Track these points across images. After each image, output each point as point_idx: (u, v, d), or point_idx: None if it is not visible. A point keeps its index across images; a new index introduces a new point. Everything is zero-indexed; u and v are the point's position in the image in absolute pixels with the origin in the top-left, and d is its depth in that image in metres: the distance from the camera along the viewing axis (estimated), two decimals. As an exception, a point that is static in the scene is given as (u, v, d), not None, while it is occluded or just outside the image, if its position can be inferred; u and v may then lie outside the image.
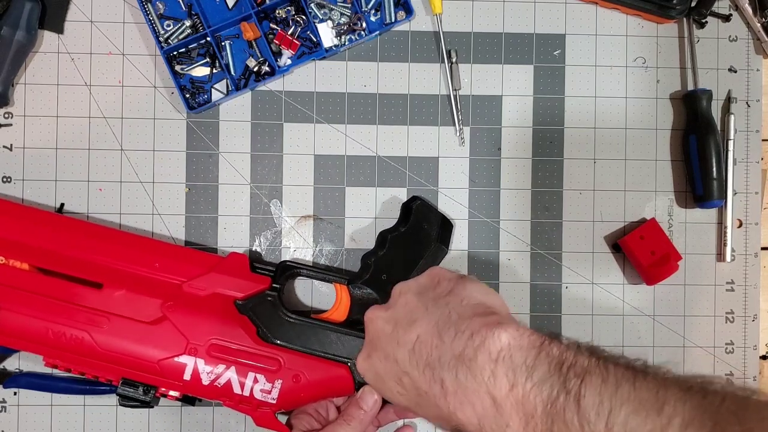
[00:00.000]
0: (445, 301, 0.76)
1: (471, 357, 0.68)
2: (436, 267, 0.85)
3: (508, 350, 0.67)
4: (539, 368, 0.65)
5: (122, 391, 0.91)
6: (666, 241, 1.02)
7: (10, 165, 1.00)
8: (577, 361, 0.65)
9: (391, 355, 0.76)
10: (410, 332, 0.75)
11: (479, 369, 0.67)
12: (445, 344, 0.71)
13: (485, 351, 0.67)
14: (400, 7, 1.02)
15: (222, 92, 1.01)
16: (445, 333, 0.72)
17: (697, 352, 1.06)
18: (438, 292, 0.78)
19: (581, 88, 1.05)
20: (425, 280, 0.81)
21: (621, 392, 0.61)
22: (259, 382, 0.90)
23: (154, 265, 0.92)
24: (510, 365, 0.66)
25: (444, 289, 0.78)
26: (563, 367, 0.64)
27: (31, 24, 0.97)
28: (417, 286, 0.81)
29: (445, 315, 0.74)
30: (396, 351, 0.75)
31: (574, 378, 0.63)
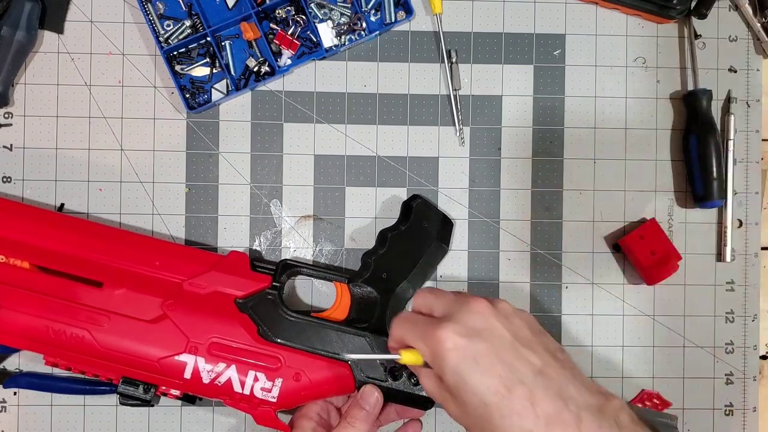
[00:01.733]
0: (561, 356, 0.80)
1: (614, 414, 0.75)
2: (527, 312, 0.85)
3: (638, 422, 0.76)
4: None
5: (123, 389, 0.91)
6: (666, 241, 1.02)
7: (10, 165, 1.00)
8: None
9: (507, 360, 0.76)
10: (534, 356, 0.77)
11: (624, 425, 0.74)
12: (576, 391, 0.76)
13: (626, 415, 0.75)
14: (400, 7, 1.02)
15: (222, 92, 1.01)
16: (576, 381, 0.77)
17: (697, 352, 1.06)
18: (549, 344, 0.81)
19: (581, 88, 1.05)
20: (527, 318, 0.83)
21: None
22: (260, 380, 0.90)
23: (154, 263, 0.92)
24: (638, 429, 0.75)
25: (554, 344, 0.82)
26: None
27: (31, 24, 0.98)
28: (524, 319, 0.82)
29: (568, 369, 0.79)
30: (516, 361, 0.76)
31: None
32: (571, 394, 0.75)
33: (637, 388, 1.05)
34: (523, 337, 0.79)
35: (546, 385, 0.75)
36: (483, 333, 0.78)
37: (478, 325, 0.78)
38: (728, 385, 1.06)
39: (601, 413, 0.74)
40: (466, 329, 0.78)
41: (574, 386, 0.76)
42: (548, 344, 0.81)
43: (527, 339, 0.79)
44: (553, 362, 0.77)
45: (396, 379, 0.91)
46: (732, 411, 1.06)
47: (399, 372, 0.91)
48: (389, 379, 0.91)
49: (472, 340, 0.77)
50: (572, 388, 0.76)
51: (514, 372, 0.75)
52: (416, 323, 0.82)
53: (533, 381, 0.75)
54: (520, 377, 0.75)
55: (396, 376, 0.91)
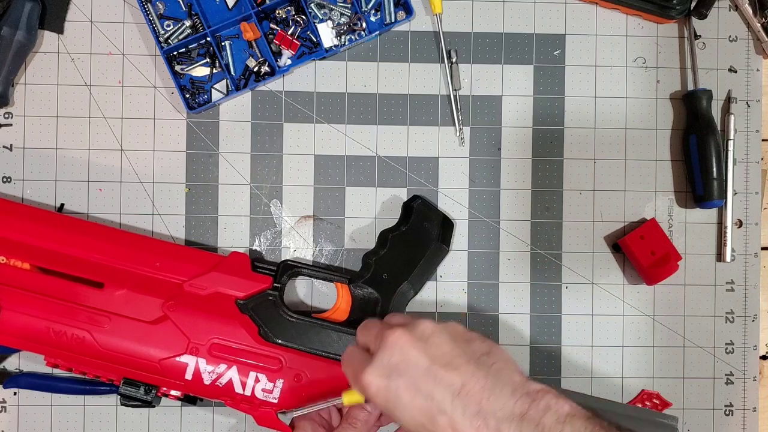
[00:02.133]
0: (489, 361, 0.78)
1: (536, 418, 0.72)
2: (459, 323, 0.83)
3: (573, 417, 0.73)
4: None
5: (124, 390, 0.91)
6: (666, 241, 1.02)
7: (10, 165, 1.00)
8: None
9: (425, 390, 0.76)
10: (452, 376, 0.76)
11: (547, 428, 0.72)
12: (501, 400, 0.74)
13: (552, 415, 0.73)
14: (400, 7, 1.02)
15: (222, 92, 1.01)
16: (500, 391, 0.75)
17: (697, 352, 1.06)
18: (477, 350, 0.79)
19: (581, 88, 1.05)
20: (452, 329, 0.81)
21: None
22: (261, 381, 0.91)
23: (155, 264, 0.92)
24: (573, 428, 0.72)
25: (482, 349, 0.79)
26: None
27: (31, 24, 0.97)
28: (448, 334, 0.80)
29: (493, 374, 0.76)
30: (433, 389, 0.75)
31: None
32: (492, 408, 0.74)
33: (637, 388, 1.05)
34: (441, 357, 0.77)
35: (464, 405, 0.74)
36: (400, 367, 0.78)
37: (394, 360, 0.78)
38: (728, 385, 1.06)
39: (522, 420, 0.73)
40: (384, 368, 0.78)
41: (496, 396, 0.74)
42: (474, 350, 0.79)
43: (447, 356, 0.77)
44: (476, 373, 0.76)
45: None
46: (732, 411, 1.06)
47: None
48: None
49: (391, 378, 0.77)
50: (494, 399, 0.74)
51: (433, 401, 0.75)
52: (351, 363, 0.83)
53: (451, 406, 0.74)
54: (439, 405, 0.75)
55: None
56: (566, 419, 0.72)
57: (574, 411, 0.73)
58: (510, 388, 0.75)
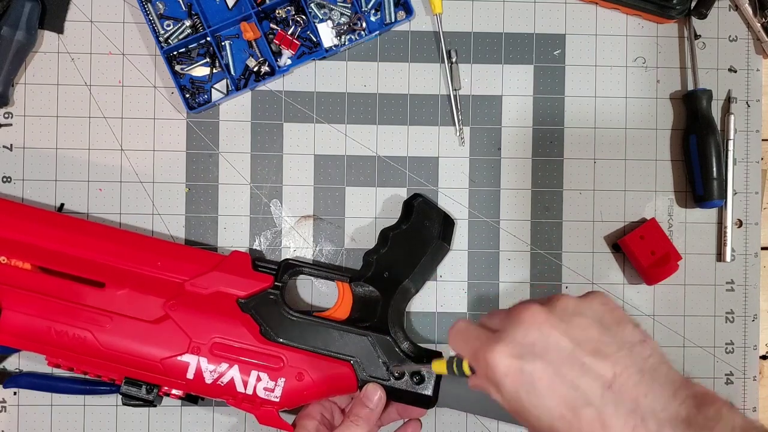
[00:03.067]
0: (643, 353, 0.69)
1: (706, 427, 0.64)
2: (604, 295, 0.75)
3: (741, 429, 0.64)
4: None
5: (125, 390, 0.91)
6: (666, 241, 1.02)
7: (10, 165, 1.00)
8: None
9: (568, 377, 0.67)
10: (602, 364, 0.67)
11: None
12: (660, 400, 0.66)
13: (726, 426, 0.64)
14: (400, 7, 1.02)
15: (222, 92, 1.01)
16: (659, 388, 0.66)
17: (697, 352, 1.06)
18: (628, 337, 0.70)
19: (581, 88, 1.05)
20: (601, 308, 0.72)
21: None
22: (263, 380, 0.90)
23: (156, 263, 0.92)
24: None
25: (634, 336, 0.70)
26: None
27: (31, 24, 0.97)
28: (593, 313, 0.71)
29: (650, 367, 0.68)
30: (578, 377, 0.67)
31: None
32: (651, 406, 0.65)
33: (637, 388, 1.05)
34: (588, 341, 0.69)
35: (617, 400, 0.66)
36: (537, 348, 0.69)
37: (530, 339, 0.69)
38: (728, 385, 1.06)
39: (689, 427, 0.64)
40: (517, 348, 0.69)
41: (656, 394, 0.66)
42: (625, 337, 0.70)
43: (594, 342, 0.69)
44: (629, 365, 0.67)
45: (398, 378, 0.91)
46: (732, 411, 1.06)
47: (401, 371, 0.92)
48: (392, 378, 0.91)
49: (526, 360, 0.68)
50: (652, 398, 0.66)
51: (578, 391, 0.67)
52: (468, 340, 0.75)
53: (601, 399, 0.66)
54: (586, 397, 0.66)
55: (398, 375, 0.91)
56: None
57: (748, 426, 0.65)
58: (671, 388, 0.67)
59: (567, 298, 0.72)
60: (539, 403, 0.68)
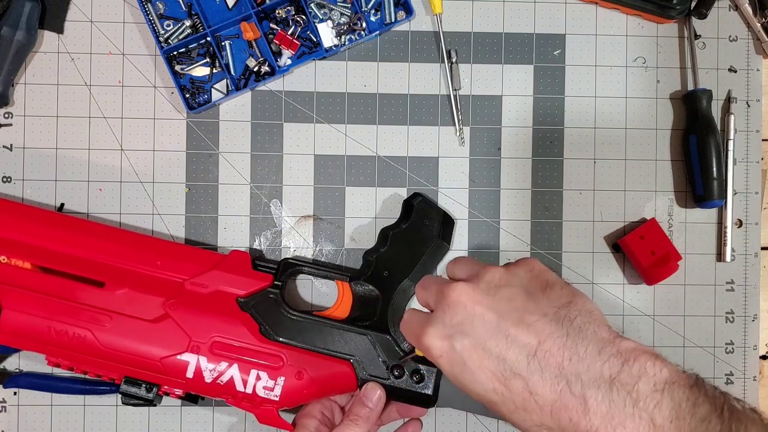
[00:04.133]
0: (570, 314, 0.70)
1: (629, 383, 0.65)
2: (534, 260, 0.77)
3: (672, 384, 0.65)
4: (702, 407, 0.64)
5: (125, 389, 0.91)
6: (666, 241, 1.02)
7: (10, 165, 1.00)
8: (730, 404, 0.65)
9: (494, 351, 0.70)
10: (526, 334, 0.69)
11: (642, 397, 0.64)
12: (586, 362, 0.67)
13: (649, 381, 0.65)
14: (400, 7, 1.02)
15: (222, 92, 1.01)
16: (583, 350, 0.67)
17: (697, 352, 1.06)
18: (555, 300, 0.72)
19: (581, 88, 1.05)
20: (527, 275, 0.75)
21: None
22: (262, 379, 0.90)
23: (155, 263, 0.92)
24: (673, 398, 0.64)
25: (561, 298, 0.72)
26: (721, 410, 0.64)
27: (31, 24, 0.97)
28: (519, 281, 0.74)
29: (576, 329, 0.69)
30: (504, 349, 0.69)
31: (736, 422, 0.63)
32: (575, 369, 0.67)
33: (638, 388, 1.05)
34: (512, 311, 0.71)
35: (543, 367, 0.68)
36: (464, 327, 0.72)
37: (457, 318, 0.73)
38: (728, 385, 1.05)
39: (612, 386, 0.65)
40: (447, 329, 0.73)
41: (580, 356, 0.67)
42: (551, 300, 0.72)
43: (518, 311, 0.71)
44: (555, 329, 0.69)
45: (398, 377, 0.91)
46: (732, 411, 1.06)
47: (401, 370, 0.92)
48: (392, 377, 0.91)
49: (455, 339, 0.72)
50: (577, 360, 0.67)
51: (506, 363, 0.69)
52: (410, 326, 0.80)
53: (527, 368, 0.68)
54: (513, 367, 0.69)
55: (398, 374, 0.91)
56: (665, 387, 0.65)
57: (675, 377, 0.65)
58: (596, 347, 0.68)
59: (494, 269, 0.75)
60: (473, 378, 0.71)
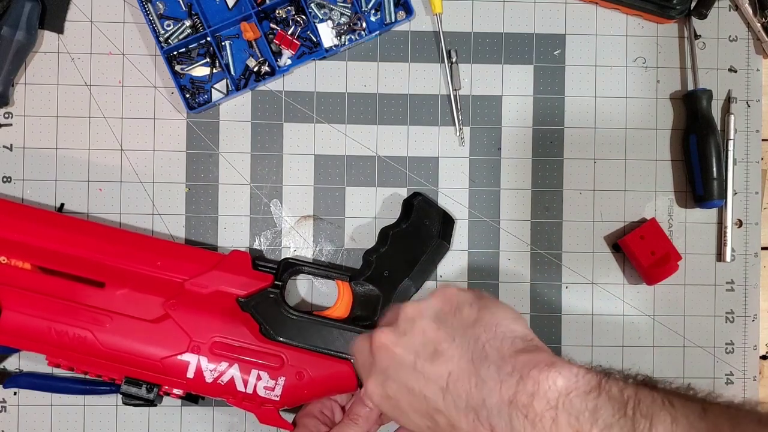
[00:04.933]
0: (475, 334, 0.70)
1: (526, 404, 0.63)
2: (448, 287, 0.77)
3: (567, 395, 0.62)
4: (603, 412, 0.61)
5: (125, 389, 0.91)
6: (666, 241, 1.02)
7: (10, 165, 1.00)
8: (640, 399, 0.61)
9: (417, 390, 0.70)
10: (438, 366, 0.69)
11: (538, 417, 0.62)
12: (488, 385, 0.65)
13: (542, 398, 0.62)
14: (400, 7, 1.02)
15: (222, 92, 1.01)
16: (485, 372, 0.66)
17: (697, 352, 1.06)
18: (463, 321, 0.71)
19: (581, 88, 1.05)
20: (440, 303, 0.74)
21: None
22: (263, 379, 0.91)
23: (156, 263, 0.92)
24: (571, 411, 0.61)
25: (469, 318, 0.71)
26: (627, 408, 0.61)
27: (31, 24, 0.97)
28: (433, 311, 0.73)
29: (479, 350, 0.68)
30: (423, 387, 0.69)
31: (643, 419, 0.60)
32: (481, 396, 0.66)
33: (637, 388, 1.05)
34: (426, 346, 0.71)
35: (456, 400, 0.67)
36: (389, 371, 0.73)
37: (384, 364, 0.74)
38: (728, 385, 1.05)
39: (512, 409, 0.63)
40: (379, 376, 0.75)
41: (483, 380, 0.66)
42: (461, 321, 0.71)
43: (432, 342, 0.71)
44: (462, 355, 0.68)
45: None
46: (732, 411, 1.06)
47: None
48: None
49: (386, 385, 0.74)
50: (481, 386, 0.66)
51: (428, 401, 0.69)
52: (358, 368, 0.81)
53: (444, 403, 0.68)
54: (434, 404, 0.69)
55: None
56: (558, 401, 0.62)
57: (571, 386, 0.62)
58: (495, 367, 0.66)
59: (408, 306, 0.75)
60: (408, 419, 0.72)
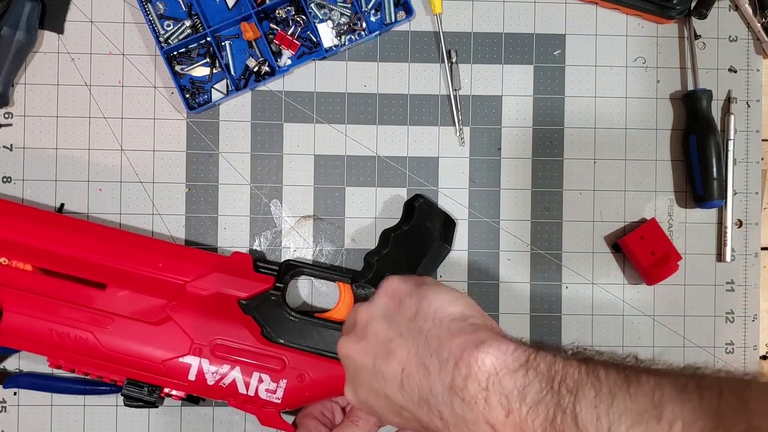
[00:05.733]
0: (417, 326, 0.71)
1: (462, 387, 0.64)
2: (390, 280, 0.78)
3: (496, 374, 0.63)
4: (531, 389, 0.61)
5: (127, 391, 0.91)
6: (666, 241, 1.02)
7: (10, 165, 1.00)
8: (567, 373, 0.61)
9: (381, 392, 0.72)
10: (392, 366, 0.70)
11: (473, 399, 0.63)
12: (432, 375, 0.67)
13: (474, 380, 0.64)
14: (400, 7, 1.02)
15: (222, 92, 1.01)
16: (429, 362, 0.68)
17: (697, 353, 1.06)
18: (406, 315, 0.73)
19: (581, 88, 1.05)
20: (385, 299, 0.76)
21: (617, 404, 0.58)
22: (264, 381, 0.91)
23: (157, 265, 0.92)
24: (501, 391, 0.62)
25: (410, 310, 0.73)
26: (554, 383, 0.61)
27: (31, 24, 0.97)
28: (381, 310, 0.75)
29: (423, 341, 0.69)
30: (385, 387, 0.71)
31: (567, 394, 0.60)
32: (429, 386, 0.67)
33: (637, 388, 1.05)
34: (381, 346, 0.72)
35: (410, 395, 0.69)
36: (356, 377, 0.75)
37: (350, 371, 0.76)
38: (728, 384, 1.06)
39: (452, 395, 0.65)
40: (350, 382, 0.77)
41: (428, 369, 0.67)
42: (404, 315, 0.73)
43: (385, 342, 0.72)
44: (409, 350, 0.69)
45: None
46: (732, 411, 1.06)
47: None
48: None
49: (357, 391, 0.76)
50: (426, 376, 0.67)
51: (390, 400, 0.71)
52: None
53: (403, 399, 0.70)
54: (396, 402, 0.71)
55: None
56: (489, 382, 0.63)
57: (499, 365, 0.63)
58: (436, 355, 0.67)
59: (359, 309, 0.77)
60: (386, 419, 0.75)
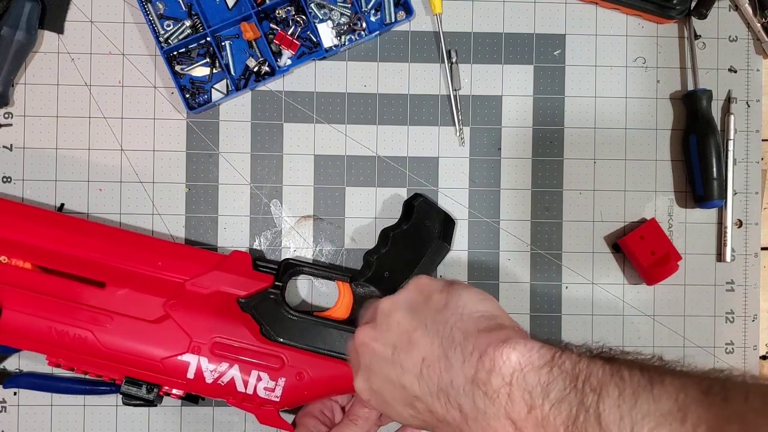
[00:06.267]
0: (444, 318, 0.72)
1: (485, 381, 0.65)
2: (420, 277, 0.80)
3: (521, 370, 0.63)
4: (555, 386, 0.62)
5: (126, 389, 0.91)
6: (666, 241, 1.02)
7: (10, 165, 1.00)
8: (591, 372, 0.62)
9: (396, 381, 0.72)
10: (413, 355, 0.71)
11: (495, 393, 0.64)
12: (455, 367, 0.67)
13: (498, 374, 0.64)
14: (400, 7, 1.02)
15: (222, 92, 1.01)
16: (452, 354, 0.68)
17: (697, 353, 1.05)
18: (433, 308, 0.74)
19: (581, 88, 1.05)
20: (413, 294, 0.77)
21: (641, 404, 0.58)
22: (263, 380, 0.91)
23: (156, 263, 0.92)
24: (525, 386, 0.63)
25: (438, 303, 0.74)
26: (578, 382, 0.61)
27: (31, 24, 0.97)
28: (407, 302, 0.76)
29: (447, 333, 0.70)
30: (401, 377, 0.72)
31: (591, 393, 0.60)
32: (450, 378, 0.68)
33: (637, 388, 1.05)
34: (401, 337, 0.73)
35: (429, 385, 0.70)
36: (372, 367, 0.76)
37: (366, 360, 0.77)
38: (728, 384, 1.05)
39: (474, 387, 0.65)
40: (363, 372, 0.78)
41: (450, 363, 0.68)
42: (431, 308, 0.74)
43: (406, 335, 0.73)
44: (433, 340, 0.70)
45: None
46: (732, 411, 1.06)
47: None
48: None
49: (371, 380, 0.76)
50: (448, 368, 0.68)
51: (406, 390, 0.72)
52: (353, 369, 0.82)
53: (420, 389, 0.70)
54: (412, 392, 0.71)
55: None
56: (513, 377, 0.64)
57: (524, 362, 0.64)
58: (461, 348, 0.68)
59: (385, 300, 0.78)
60: (394, 410, 0.75)
